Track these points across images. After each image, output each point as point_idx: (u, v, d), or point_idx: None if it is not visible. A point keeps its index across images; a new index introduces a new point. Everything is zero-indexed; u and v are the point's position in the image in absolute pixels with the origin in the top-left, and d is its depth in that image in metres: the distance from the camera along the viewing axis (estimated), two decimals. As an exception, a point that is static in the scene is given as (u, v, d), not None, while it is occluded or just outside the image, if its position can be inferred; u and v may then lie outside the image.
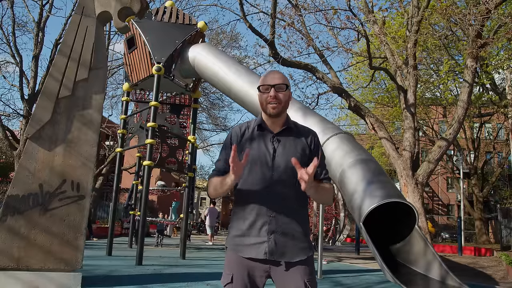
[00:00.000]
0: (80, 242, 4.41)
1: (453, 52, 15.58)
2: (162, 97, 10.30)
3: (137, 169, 11.40)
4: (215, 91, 18.71)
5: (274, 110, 1.77)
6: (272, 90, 1.76)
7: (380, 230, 4.79)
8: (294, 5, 9.89)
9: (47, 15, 14.72)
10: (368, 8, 10.46)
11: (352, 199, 5.04)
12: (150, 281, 5.36)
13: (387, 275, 4.31)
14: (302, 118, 6.30)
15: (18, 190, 4.31)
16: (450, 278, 4.18)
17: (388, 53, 10.36)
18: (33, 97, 14.21)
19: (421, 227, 6.75)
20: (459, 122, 9.02)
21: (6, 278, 4.08)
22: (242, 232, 1.76)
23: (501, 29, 10.75)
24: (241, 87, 7.43)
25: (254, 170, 1.76)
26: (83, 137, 4.66)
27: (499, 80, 18.37)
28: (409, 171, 8.79)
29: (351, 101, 9.63)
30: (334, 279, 6.58)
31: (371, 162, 5.54)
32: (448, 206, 35.15)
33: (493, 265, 10.25)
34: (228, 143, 1.85)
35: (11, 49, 14.59)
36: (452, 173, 24.94)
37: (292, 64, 9.81)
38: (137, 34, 8.50)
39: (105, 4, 4.99)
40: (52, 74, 4.73)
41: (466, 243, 18.74)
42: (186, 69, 8.82)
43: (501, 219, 16.41)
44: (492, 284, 7.02)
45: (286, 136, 1.81)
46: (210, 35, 17.94)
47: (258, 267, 1.73)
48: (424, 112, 20.41)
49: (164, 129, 9.48)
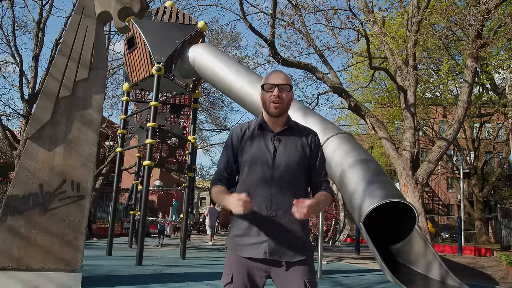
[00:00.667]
0: (80, 242, 4.41)
1: (453, 52, 15.57)
2: (162, 97, 10.31)
3: (137, 169, 11.41)
4: (215, 91, 18.71)
5: (276, 110, 1.77)
6: (275, 89, 1.77)
7: (380, 230, 4.79)
8: (294, 5, 9.88)
9: (47, 15, 14.72)
10: (368, 8, 10.46)
11: (352, 199, 5.04)
12: (150, 281, 5.36)
13: (387, 275, 4.31)
14: (302, 118, 6.29)
15: (18, 190, 4.31)
16: (450, 278, 4.18)
17: (388, 53, 10.36)
18: (33, 97, 14.21)
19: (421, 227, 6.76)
20: (459, 122, 9.02)
21: (6, 278, 4.07)
22: (242, 232, 1.76)
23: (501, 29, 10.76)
24: (241, 87, 7.42)
25: (254, 169, 1.77)
26: (83, 137, 4.65)
27: (499, 80, 18.36)
28: (409, 171, 8.78)
29: (351, 101, 9.63)
30: (334, 279, 6.57)
31: (371, 162, 5.54)
32: (448, 206, 35.14)
33: (493, 265, 10.25)
34: (229, 143, 1.86)
35: (11, 49, 14.59)
36: (452, 173, 24.93)
37: (292, 64, 9.81)
38: (137, 34, 8.50)
39: (105, 4, 4.99)
40: (52, 74, 4.73)
41: (466, 243, 18.74)
42: (186, 69, 8.81)
43: (501, 219, 16.41)
44: (492, 284, 7.02)
45: (287, 135, 1.82)
46: (210, 35, 17.95)
47: (258, 267, 1.73)
48: (424, 112, 20.41)
49: (164, 129, 9.48)
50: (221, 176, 1.82)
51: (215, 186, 1.79)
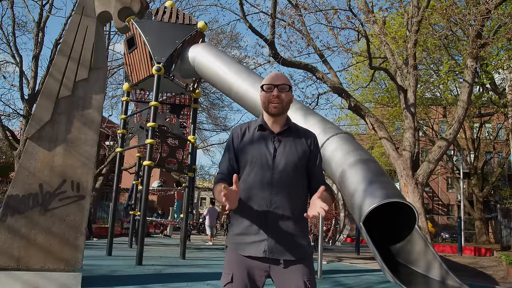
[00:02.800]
0: (80, 242, 4.40)
1: (453, 52, 15.56)
2: (162, 97, 10.30)
3: (137, 169, 11.40)
4: (215, 91, 18.71)
5: (275, 109, 1.79)
6: (275, 89, 1.79)
7: (380, 230, 4.79)
8: (294, 5, 9.88)
9: (47, 15, 14.71)
10: (368, 8, 10.46)
11: (352, 199, 5.04)
12: (150, 281, 5.36)
13: (387, 275, 4.31)
14: (302, 118, 6.29)
15: (18, 190, 4.31)
16: (450, 278, 4.18)
17: (388, 53, 10.36)
18: (33, 97, 14.21)
19: (421, 227, 6.76)
20: (459, 122, 9.02)
21: (6, 278, 4.07)
22: (242, 231, 1.77)
23: (501, 29, 10.77)
24: (241, 87, 7.42)
25: (254, 169, 1.78)
26: (83, 137, 4.65)
27: (499, 80, 18.36)
28: (409, 171, 8.78)
29: (351, 101, 9.63)
30: (334, 279, 6.57)
31: (371, 162, 5.54)
32: (448, 206, 35.15)
33: (493, 265, 10.26)
34: (229, 144, 1.89)
35: (11, 49, 14.58)
36: (452, 173, 24.93)
37: (292, 64, 9.80)
38: (137, 34, 8.49)
39: (105, 4, 4.99)
40: (52, 74, 4.73)
41: (466, 243, 18.74)
42: (186, 69, 8.81)
43: (501, 219, 16.41)
44: (492, 284, 7.02)
45: (287, 136, 1.84)
46: (210, 35, 17.95)
47: (257, 266, 1.73)
48: (424, 112, 20.42)
49: (164, 129, 9.48)
50: (222, 175, 1.84)
51: (216, 185, 1.80)
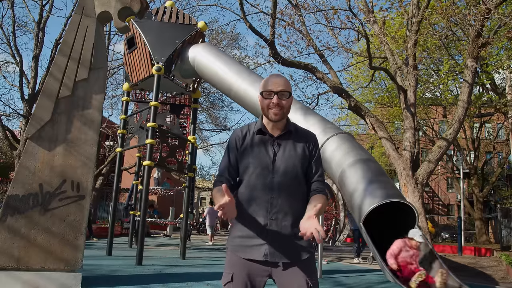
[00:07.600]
0: (80, 242, 4.40)
1: (453, 52, 15.56)
2: (162, 97, 10.30)
3: (137, 169, 11.40)
4: (215, 91, 18.70)
5: (276, 117, 1.77)
6: (275, 97, 1.76)
7: (380, 230, 4.79)
8: (294, 5, 9.88)
9: (47, 15, 14.71)
10: (368, 8, 10.46)
11: (352, 199, 5.04)
12: (150, 281, 5.36)
13: (387, 275, 4.32)
14: (302, 118, 6.29)
15: (18, 190, 4.31)
16: (450, 278, 4.19)
17: (388, 53, 10.36)
18: (33, 97, 14.21)
19: (421, 227, 6.76)
20: (459, 122, 9.02)
21: (6, 278, 4.07)
22: (243, 234, 1.77)
23: (501, 29, 10.76)
24: (241, 87, 7.42)
25: (254, 173, 1.78)
26: (83, 137, 4.65)
27: (499, 80, 18.36)
28: (409, 171, 8.78)
29: (351, 101, 9.62)
30: (334, 279, 6.57)
31: (371, 162, 5.54)
32: (448, 206, 35.14)
33: (493, 265, 10.26)
34: (230, 146, 1.88)
35: (11, 49, 14.58)
36: (452, 173, 24.93)
37: (292, 64, 9.80)
38: (137, 34, 8.49)
39: (105, 4, 4.99)
40: (52, 74, 4.73)
41: (466, 243, 18.74)
42: (186, 69, 8.81)
43: (501, 219, 16.42)
44: (492, 284, 7.02)
45: (286, 139, 1.82)
46: (210, 35, 17.95)
47: (258, 268, 1.73)
48: (424, 112, 20.41)
49: (164, 129, 9.48)
50: (222, 177, 1.82)
51: (216, 187, 1.80)
